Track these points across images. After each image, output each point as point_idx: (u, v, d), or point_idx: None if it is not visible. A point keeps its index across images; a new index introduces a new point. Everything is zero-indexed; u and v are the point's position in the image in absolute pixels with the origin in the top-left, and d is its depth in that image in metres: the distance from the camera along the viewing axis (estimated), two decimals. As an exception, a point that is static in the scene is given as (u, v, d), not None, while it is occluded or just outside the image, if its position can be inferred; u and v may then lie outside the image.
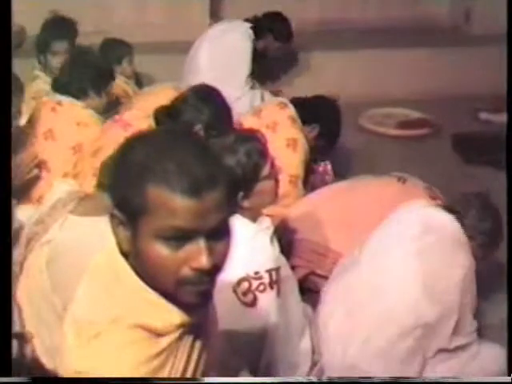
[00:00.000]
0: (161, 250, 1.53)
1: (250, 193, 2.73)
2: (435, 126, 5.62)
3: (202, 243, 1.53)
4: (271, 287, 2.70)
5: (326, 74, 5.95)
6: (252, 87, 5.35)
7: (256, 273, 2.67)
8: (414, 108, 5.82)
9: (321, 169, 4.34)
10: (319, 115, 4.21)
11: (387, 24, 6.48)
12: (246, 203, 2.73)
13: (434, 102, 5.79)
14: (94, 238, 2.60)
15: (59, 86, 4.04)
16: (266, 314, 2.71)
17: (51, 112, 4.00)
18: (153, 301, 1.60)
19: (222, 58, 5.22)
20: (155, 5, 6.15)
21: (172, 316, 1.60)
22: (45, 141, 3.92)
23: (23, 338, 2.41)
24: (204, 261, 1.52)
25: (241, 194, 2.72)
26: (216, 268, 1.57)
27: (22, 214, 3.62)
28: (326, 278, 3.34)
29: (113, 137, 3.48)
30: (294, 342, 2.96)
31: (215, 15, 6.25)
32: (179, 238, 1.52)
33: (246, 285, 2.65)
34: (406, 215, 3.09)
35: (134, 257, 1.60)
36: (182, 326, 1.62)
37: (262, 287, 2.67)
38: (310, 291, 3.43)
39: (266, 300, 2.70)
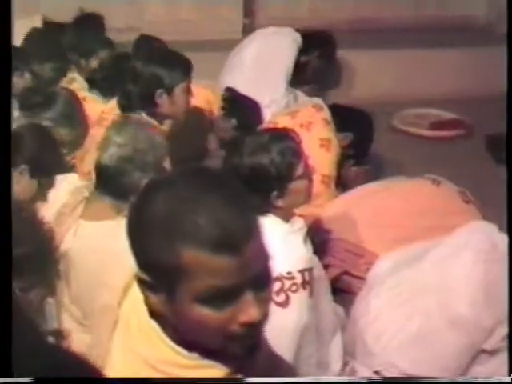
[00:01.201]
0: (204, 313, 1.38)
1: (284, 192, 2.73)
2: (468, 126, 5.59)
3: (249, 296, 1.39)
4: (304, 287, 2.69)
5: (358, 73, 5.94)
6: (287, 88, 5.36)
7: (289, 273, 2.66)
8: (447, 108, 5.79)
9: (352, 173, 4.32)
10: (354, 125, 4.21)
11: (421, 23, 6.45)
12: (279, 203, 2.73)
13: (467, 103, 5.74)
14: (109, 245, 2.63)
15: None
16: (298, 314, 2.70)
17: None
18: (189, 364, 1.49)
19: (266, 60, 5.22)
20: (187, 2, 6.16)
21: (213, 374, 1.49)
22: None
23: (60, 335, 2.42)
24: (254, 314, 1.39)
25: (274, 193, 2.71)
26: (264, 317, 1.45)
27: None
28: (360, 278, 3.34)
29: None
30: (325, 342, 2.96)
31: (248, 13, 6.26)
32: (223, 296, 1.37)
33: (278, 285, 2.64)
34: (478, 230, 3.09)
35: (173, 319, 1.44)
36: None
37: (294, 287, 2.67)
38: (342, 292, 3.42)
39: (299, 300, 2.69)
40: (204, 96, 4.47)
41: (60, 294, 2.80)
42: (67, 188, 2.98)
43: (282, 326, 2.63)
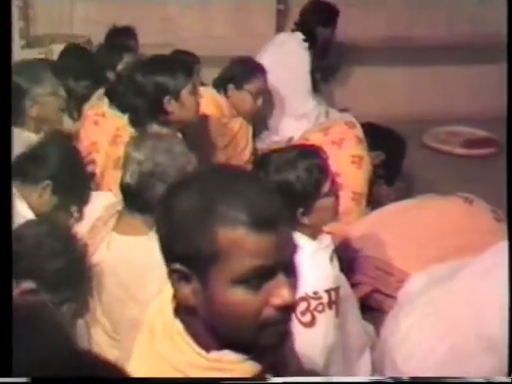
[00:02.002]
0: (239, 295, 1.43)
1: (310, 210, 2.71)
2: (501, 145, 5.55)
3: (282, 277, 1.45)
4: (330, 307, 2.66)
5: (391, 90, 5.93)
6: (318, 103, 5.36)
7: (315, 293, 2.63)
8: (480, 126, 5.75)
9: (384, 192, 4.30)
10: (387, 145, 4.19)
11: (453, 41, 6.42)
12: (305, 220, 2.71)
13: (500, 121, 5.69)
14: (140, 259, 2.65)
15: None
16: (325, 334, 2.68)
17: (94, 125, 3.99)
18: (211, 366, 1.51)
19: (282, 72, 5.22)
20: (221, 18, 6.19)
21: (235, 373, 1.51)
22: (89, 155, 3.86)
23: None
24: (286, 295, 1.44)
25: (300, 210, 2.69)
26: (292, 304, 1.49)
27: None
28: (390, 296, 3.32)
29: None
30: (352, 361, 2.94)
31: (281, 28, 6.27)
32: (259, 276, 1.43)
33: (304, 305, 2.61)
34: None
35: (206, 309, 1.48)
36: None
37: (320, 307, 2.64)
38: (372, 310, 3.41)
39: (325, 320, 2.66)
40: (210, 99, 4.43)
41: (92, 307, 2.82)
42: (102, 203, 3.00)
43: (308, 346, 2.62)
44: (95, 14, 5.77)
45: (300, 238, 2.63)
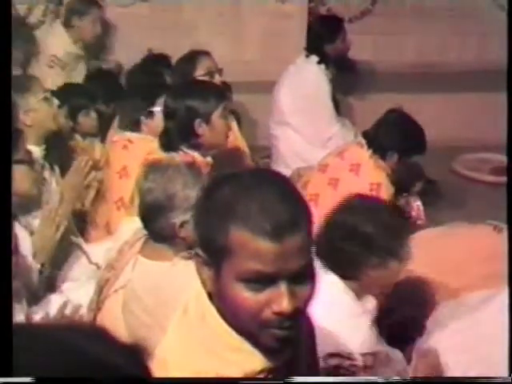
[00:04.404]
0: (242, 293, 1.52)
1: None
2: (531, 172, 5.52)
3: (283, 287, 1.51)
4: (365, 371, 2.61)
5: (420, 116, 5.90)
6: (343, 125, 5.35)
7: (349, 353, 2.60)
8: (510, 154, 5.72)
9: (414, 213, 4.29)
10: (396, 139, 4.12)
11: (484, 67, 6.40)
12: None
13: (530, 149, 5.67)
14: (165, 286, 2.65)
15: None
16: None
17: (123, 150, 3.99)
18: (235, 346, 1.58)
19: (302, 99, 5.23)
20: (251, 43, 6.22)
21: (253, 362, 1.59)
22: (120, 179, 3.89)
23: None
24: (285, 305, 1.51)
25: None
26: (298, 312, 1.55)
27: (94, 252, 3.66)
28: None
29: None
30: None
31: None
32: (260, 281, 1.51)
33: (336, 360, 2.57)
34: None
35: (217, 297, 1.59)
36: (262, 372, 1.60)
37: (353, 368, 2.60)
38: (399, 336, 3.37)
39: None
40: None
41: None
42: (131, 228, 3.02)
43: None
44: (128, 39, 5.82)
45: (346, 294, 2.63)
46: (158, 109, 3.97)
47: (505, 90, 6.06)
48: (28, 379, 0.86)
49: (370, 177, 4.02)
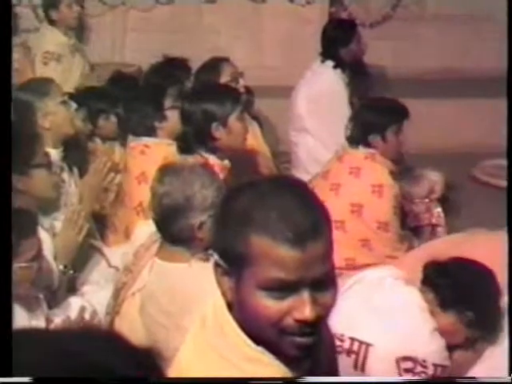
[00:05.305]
0: (264, 301, 1.50)
1: None
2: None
3: (305, 295, 1.50)
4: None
5: (439, 122, 5.90)
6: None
7: (424, 361, 2.58)
8: (530, 160, 5.69)
9: (434, 220, 4.27)
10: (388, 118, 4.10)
11: (504, 72, 6.38)
12: None
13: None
14: (182, 288, 2.65)
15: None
16: None
17: (141, 155, 3.98)
18: (254, 357, 1.57)
19: (319, 103, 5.22)
20: (271, 48, 6.22)
21: (273, 373, 1.56)
22: (139, 185, 3.86)
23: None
24: (307, 312, 1.50)
25: None
26: (320, 319, 1.54)
27: (113, 256, 3.68)
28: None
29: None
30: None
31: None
32: (283, 289, 1.50)
33: (410, 364, 2.56)
34: None
35: (238, 307, 1.57)
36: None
37: (424, 375, 2.57)
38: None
39: None
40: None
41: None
42: (147, 231, 3.03)
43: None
44: (146, 44, 5.84)
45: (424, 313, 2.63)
46: (168, 108, 3.97)
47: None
48: (27, 379, 0.86)
49: (371, 178, 3.99)
